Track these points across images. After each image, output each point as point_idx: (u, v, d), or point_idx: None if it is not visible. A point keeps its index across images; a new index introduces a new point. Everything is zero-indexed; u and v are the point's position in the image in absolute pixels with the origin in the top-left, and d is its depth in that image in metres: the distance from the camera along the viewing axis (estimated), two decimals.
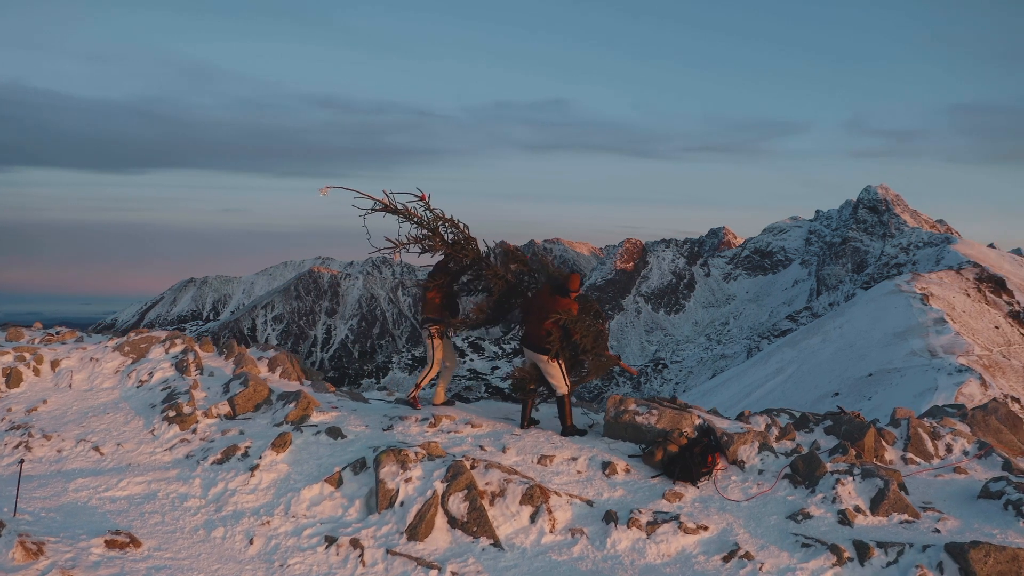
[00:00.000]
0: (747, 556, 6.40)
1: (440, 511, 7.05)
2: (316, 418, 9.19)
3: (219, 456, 8.24)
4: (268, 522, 7.19)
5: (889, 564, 6.09)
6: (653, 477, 7.86)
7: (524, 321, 9.20)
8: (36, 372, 10.11)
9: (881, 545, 6.22)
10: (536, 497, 7.18)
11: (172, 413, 9.06)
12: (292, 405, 9.22)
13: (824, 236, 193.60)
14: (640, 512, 6.98)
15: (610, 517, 6.98)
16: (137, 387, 10.04)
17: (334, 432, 8.60)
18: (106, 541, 6.53)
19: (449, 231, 9.53)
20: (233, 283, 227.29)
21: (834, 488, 7.18)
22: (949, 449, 8.30)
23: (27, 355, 10.17)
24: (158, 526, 7.11)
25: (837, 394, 54.42)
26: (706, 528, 6.84)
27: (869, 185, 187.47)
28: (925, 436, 8.41)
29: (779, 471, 7.70)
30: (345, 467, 7.74)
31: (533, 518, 7.05)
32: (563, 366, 8.86)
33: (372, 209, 9.24)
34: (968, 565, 5.69)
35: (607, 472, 7.94)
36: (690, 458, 7.79)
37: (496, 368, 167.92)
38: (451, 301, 9.72)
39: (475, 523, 6.94)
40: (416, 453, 7.59)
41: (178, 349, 10.78)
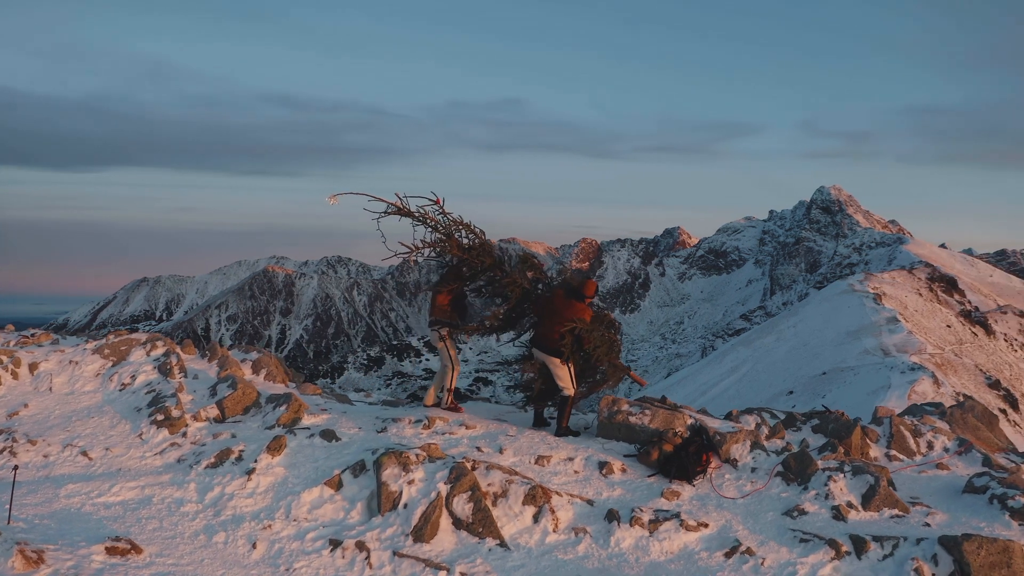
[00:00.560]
0: (748, 552, 6.58)
1: (445, 512, 7.10)
2: (308, 421, 9.15)
3: (212, 460, 8.15)
4: (269, 526, 7.15)
5: (885, 557, 6.33)
6: (649, 476, 8.01)
7: (537, 323, 9.33)
8: (14, 375, 9.87)
9: (877, 539, 6.45)
10: (538, 497, 7.27)
11: (160, 417, 8.94)
12: (283, 408, 9.17)
13: (778, 236, 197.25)
14: (642, 510, 7.12)
15: (612, 516, 7.10)
16: (120, 390, 9.86)
17: (328, 435, 8.58)
18: (107, 548, 6.43)
19: (465, 236, 9.56)
20: (186, 283, 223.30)
21: (826, 485, 7.41)
22: (930, 446, 8.62)
23: (4, 358, 9.92)
24: (157, 532, 7.02)
25: (791, 392, 55.43)
26: (706, 525, 7.01)
27: (822, 186, 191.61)
28: (907, 434, 8.72)
29: (772, 469, 7.92)
30: (344, 470, 7.73)
31: (536, 518, 7.14)
32: (572, 369, 9.01)
33: (386, 212, 9.25)
34: (962, 557, 5.94)
35: (604, 472, 8.07)
36: (686, 457, 7.96)
37: None
38: (461, 305, 9.76)
39: (480, 524, 7.01)
40: (417, 455, 7.62)
41: (159, 352, 10.61)
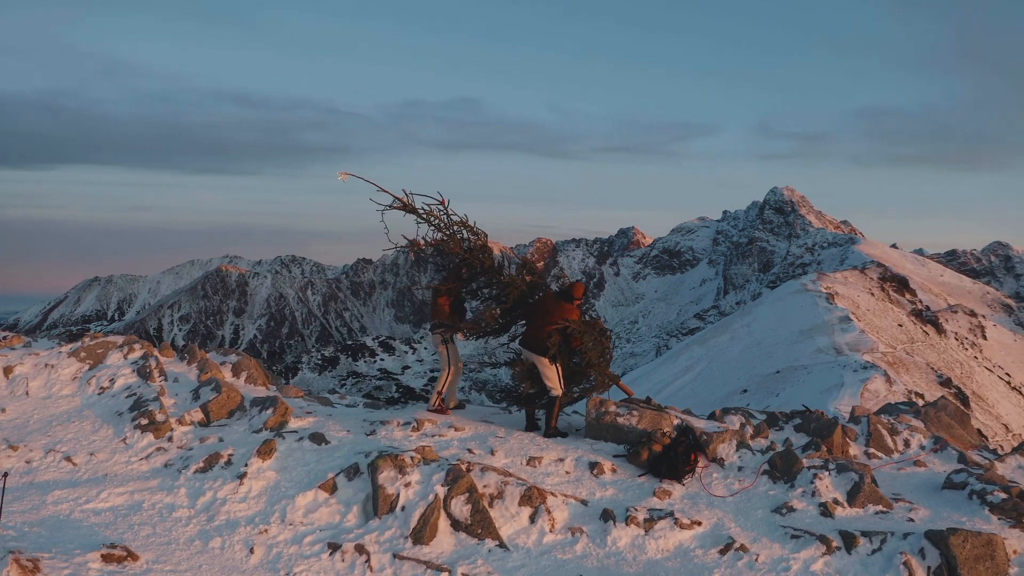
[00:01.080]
0: (742, 548, 6.75)
1: (443, 514, 7.14)
2: (294, 424, 9.10)
3: (201, 465, 8.08)
4: (266, 530, 7.12)
5: (874, 552, 6.55)
6: (640, 476, 8.15)
7: (527, 324, 9.42)
8: None
9: (865, 534, 6.68)
10: (534, 498, 7.36)
11: (145, 421, 8.81)
12: (269, 411, 9.10)
13: (731, 236, 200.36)
14: (636, 510, 7.25)
15: (608, 515, 7.22)
16: (99, 394, 9.69)
17: (317, 438, 8.55)
18: (103, 555, 6.34)
19: (467, 237, 9.60)
20: (139, 282, 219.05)
21: (812, 483, 7.64)
22: (907, 444, 8.93)
23: None
24: (151, 538, 6.94)
25: (745, 391, 56.26)
26: (699, 523, 7.17)
27: (775, 187, 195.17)
28: (884, 432, 9.01)
29: (758, 467, 8.12)
30: (338, 473, 7.72)
31: (533, 518, 7.23)
32: (560, 369, 9.12)
33: (391, 206, 9.26)
34: (948, 550, 6.19)
35: (595, 472, 8.19)
36: (675, 457, 8.12)
37: (407, 368, 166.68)
38: (460, 307, 9.79)
39: (479, 525, 7.07)
40: (412, 458, 7.65)
41: (137, 355, 10.44)
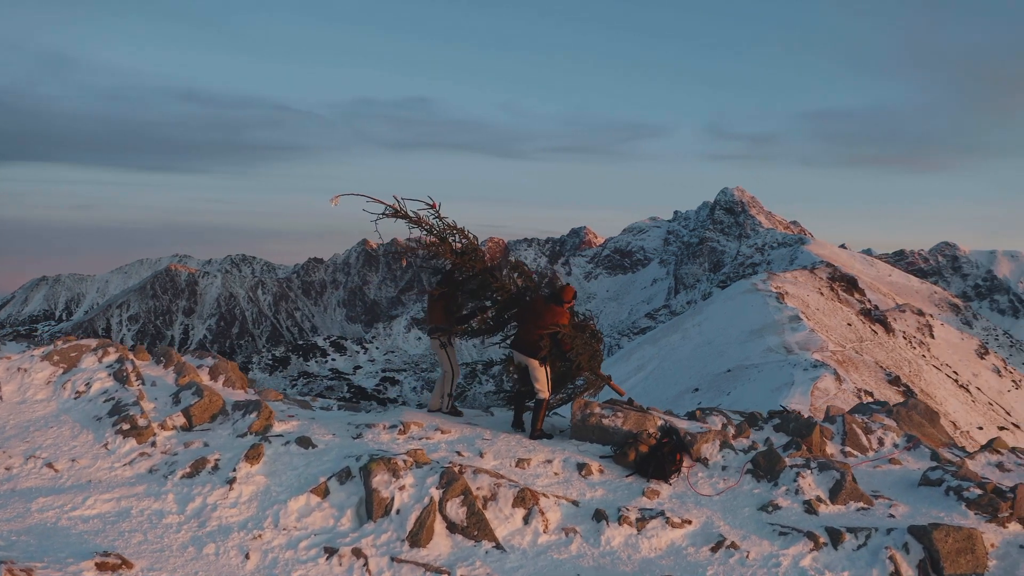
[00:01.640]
0: (733, 546, 6.94)
1: (439, 517, 7.19)
2: (279, 428, 9.04)
3: (188, 470, 7.98)
4: (260, 536, 7.08)
5: (860, 547, 6.80)
6: (627, 476, 8.30)
7: (518, 327, 9.50)
8: None
9: (851, 530, 6.93)
10: (527, 499, 7.45)
11: (126, 426, 8.66)
12: (253, 415, 9.03)
13: (682, 236, 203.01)
14: (628, 509, 7.39)
15: (600, 515, 7.35)
16: (75, 398, 9.49)
17: (304, 442, 8.51)
18: (96, 564, 6.23)
19: (458, 241, 9.62)
20: (87, 281, 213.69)
21: (795, 481, 7.87)
22: (881, 442, 9.25)
23: None
24: (143, 545, 6.84)
25: (697, 390, 57.06)
26: (690, 522, 7.34)
27: (726, 187, 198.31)
28: (859, 431, 9.32)
29: (742, 467, 8.34)
30: (330, 477, 7.71)
31: (527, 520, 7.32)
32: (549, 371, 9.21)
33: (383, 214, 9.24)
34: (932, 544, 6.46)
35: (583, 473, 8.31)
36: (662, 457, 8.29)
37: (359, 368, 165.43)
38: (456, 310, 9.81)
39: (475, 527, 7.13)
40: (405, 461, 7.68)
41: (112, 358, 10.24)
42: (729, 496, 7.96)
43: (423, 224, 9.47)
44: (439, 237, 9.56)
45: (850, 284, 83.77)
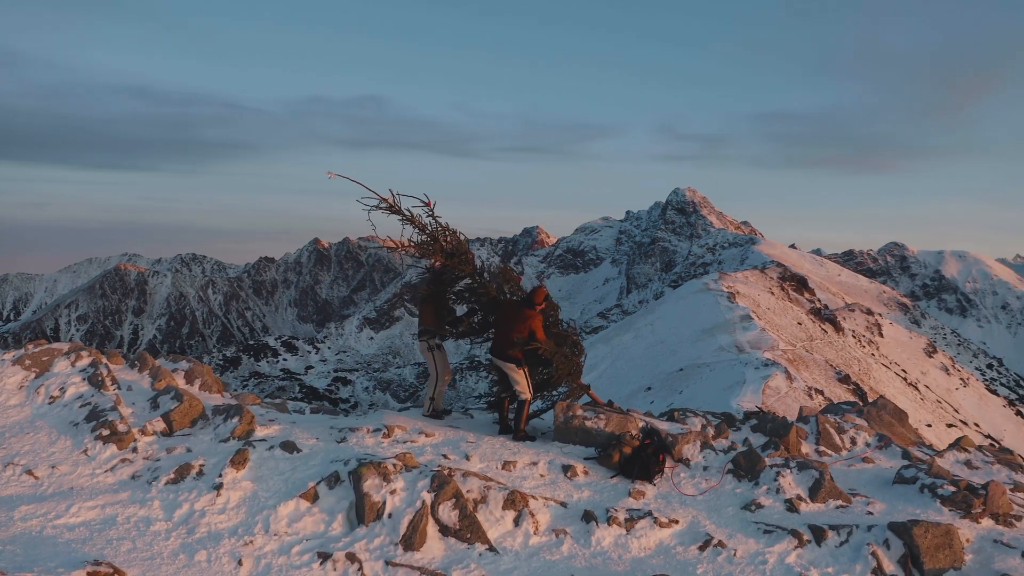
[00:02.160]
0: (720, 544, 7.12)
1: (431, 520, 7.23)
2: (261, 432, 8.97)
3: (172, 476, 7.89)
4: (251, 541, 7.04)
5: (842, 544, 7.03)
6: (612, 477, 8.44)
7: (495, 332, 9.54)
8: None
9: (833, 527, 7.16)
10: (517, 502, 7.53)
11: (106, 432, 8.51)
12: (235, 420, 8.95)
13: (634, 236, 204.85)
14: (616, 510, 7.53)
15: (589, 516, 7.47)
16: (49, 404, 9.28)
17: (289, 446, 8.48)
18: (88, 573, 6.14)
19: (449, 242, 9.62)
20: (35, 281, 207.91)
21: (776, 480, 8.10)
22: (854, 442, 9.54)
23: None
24: (133, 553, 6.76)
25: (650, 388, 57.70)
26: (676, 522, 7.50)
27: (678, 187, 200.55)
28: (832, 431, 9.61)
29: (723, 467, 8.54)
30: (319, 482, 7.69)
31: (517, 521, 7.40)
32: (527, 373, 9.29)
33: (377, 207, 9.22)
34: (912, 540, 6.71)
35: (568, 474, 8.43)
36: (646, 458, 8.44)
37: (310, 368, 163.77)
38: (445, 312, 9.81)
39: (467, 530, 7.19)
40: (394, 465, 7.70)
41: (85, 362, 10.04)
42: (712, 496, 8.15)
43: (416, 222, 9.48)
44: (431, 236, 9.57)
45: (800, 284, 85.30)
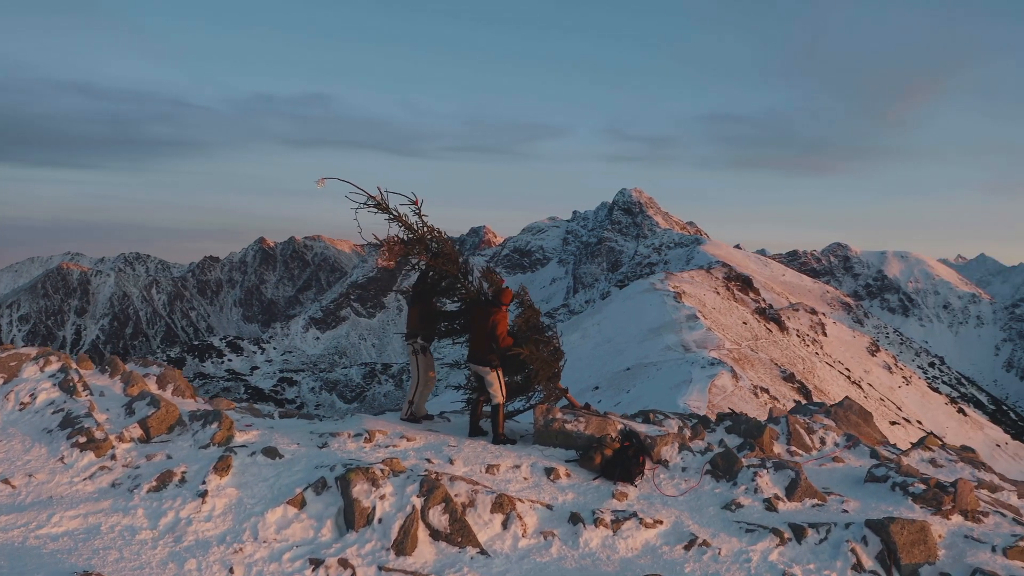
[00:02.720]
0: (705, 544, 7.32)
1: (422, 525, 7.28)
2: (240, 438, 8.90)
3: (154, 483, 7.78)
4: (240, 549, 6.99)
5: (821, 541, 7.29)
6: (594, 479, 8.59)
7: (469, 337, 9.59)
8: None
9: (812, 525, 7.42)
10: (505, 505, 7.62)
11: (83, 439, 8.34)
12: (214, 426, 8.86)
13: (581, 236, 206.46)
14: (602, 512, 7.68)
15: (576, 518, 7.60)
16: (20, 410, 9.05)
17: (271, 452, 8.43)
18: None
19: (434, 242, 9.61)
20: None
21: (753, 480, 8.34)
22: (823, 442, 9.86)
23: None
24: (121, 563, 6.66)
25: (597, 388, 58.24)
26: (661, 522, 7.68)
27: (624, 188, 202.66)
28: (802, 431, 9.91)
29: (701, 468, 8.76)
30: (306, 488, 7.67)
31: (505, 524, 7.49)
32: (501, 377, 9.37)
33: (365, 204, 9.18)
34: (889, 537, 7.00)
35: (552, 477, 8.55)
36: (627, 460, 8.61)
37: (256, 369, 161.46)
38: (431, 314, 9.79)
39: (458, 534, 7.25)
40: (382, 470, 7.72)
41: (55, 367, 9.81)
42: (693, 496, 8.36)
43: (403, 221, 9.48)
44: (417, 237, 9.58)
45: (745, 284, 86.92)
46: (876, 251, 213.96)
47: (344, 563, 6.83)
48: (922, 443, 10.07)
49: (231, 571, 6.71)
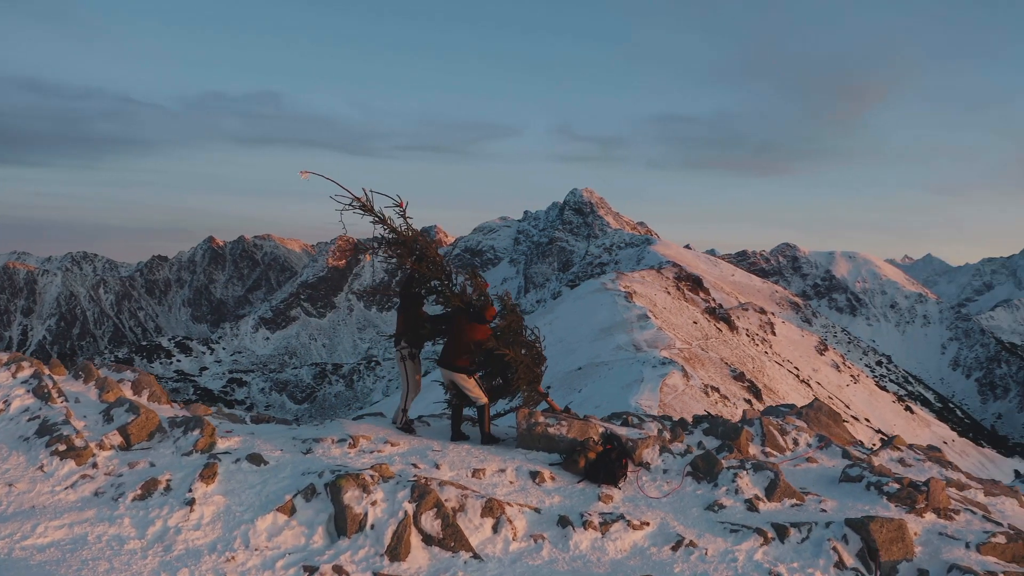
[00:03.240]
0: (691, 544, 7.50)
1: (414, 530, 7.32)
2: (222, 444, 8.82)
3: (139, 492, 7.68)
4: (233, 558, 6.95)
5: (803, 540, 7.53)
6: (578, 482, 8.72)
7: (446, 342, 9.66)
8: None
9: (794, 525, 7.65)
10: (495, 509, 7.71)
11: (62, 447, 8.19)
12: (196, 432, 8.76)
13: (532, 236, 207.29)
14: (590, 514, 7.81)
15: (565, 521, 7.72)
16: None
17: (255, 459, 8.38)
18: None
19: (417, 245, 9.61)
20: None
21: (734, 481, 8.56)
22: (796, 442, 10.15)
23: None
24: (111, 574, 6.55)
25: (549, 388, 58.55)
26: (647, 524, 7.84)
27: (575, 188, 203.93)
28: (775, 432, 10.19)
29: (682, 469, 8.95)
30: (296, 494, 7.65)
31: (496, 528, 7.58)
32: (478, 380, 9.48)
33: (350, 205, 9.14)
34: (868, 535, 7.26)
35: (537, 481, 8.66)
36: (611, 463, 8.76)
37: (205, 369, 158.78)
38: (417, 320, 9.78)
39: (451, 538, 7.31)
40: (372, 476, 7.74)
41: (27, 373, 9.58)
42: (676, 498, 8.55)
43: (387, 223, 9.48)
44: (401, 240, 9.58)
45: (695, 283, 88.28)
46: (824, 251, 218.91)
47: (339, 570, 6.85)
48: (891, 443, 10.43)
49: None
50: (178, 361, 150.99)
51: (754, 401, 52.42)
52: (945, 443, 64.91)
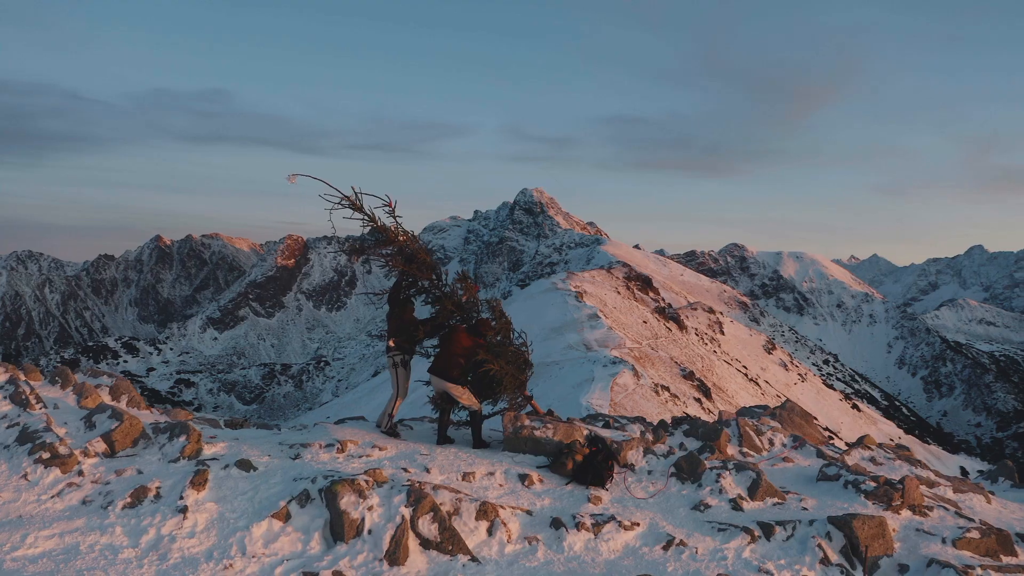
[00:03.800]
0: (682, 544, 7.69)
1: (411, 535, 7.37)
2: (209, 450, 8.76)
3: (128, 500, 7.59)
4: (231, 565, 6.92)
5: (789, 538, 7.78)
6: (567, 484, 8.86)
7: (439, 350, 9.70)
8: None
9: (780, 523, 7.90)
10: (489, 512, 7.80)
11: (46, 454, 8.03)
12: (182, 439, 8.67)
13: (482, 236, 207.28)
14: (582, 516, 7.95)
15: (558, 523, 7.85)
16: None
17: (245, 465, 8.34)
18: None
19: (407, 247, 9.59)
20: None
21: (718, 481, 8.79)
22: (771, 443, 10.43)
23: None
24: None
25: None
26: (638, 524, 8.01)
27: (525, 188, 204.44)
28: (752, 433, 10.46)
29: (666, 470, 9.15)
30: (290, 500, 7.64)
31: (491, 531, 7.68)
32: (468, 387, 9.56)
33: (339, 204, 9.09)
34: (852, 532, 7.54)
35: (526, 483, 8.78)
36: (598, 465, 8.92)
37: (152, 370, 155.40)
38: (408, 325, 9.75)
39: (449, 542, 7.39)
40: (366, 481, 7.77)
41: (3, 379, 9.32)
42: (662, 498, 8.74)
43: (376, 223, 9.48)
44: (390, 240, 9.58)
45: (645, 283, 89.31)
46: (772, 251, 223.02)
47: (338, 575, 6.87)
48: (861, 442, 10.80)
49: None
50: (125, 362, 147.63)
51: (704, 400, 53.27)
52: (892, 440, 66.78)
